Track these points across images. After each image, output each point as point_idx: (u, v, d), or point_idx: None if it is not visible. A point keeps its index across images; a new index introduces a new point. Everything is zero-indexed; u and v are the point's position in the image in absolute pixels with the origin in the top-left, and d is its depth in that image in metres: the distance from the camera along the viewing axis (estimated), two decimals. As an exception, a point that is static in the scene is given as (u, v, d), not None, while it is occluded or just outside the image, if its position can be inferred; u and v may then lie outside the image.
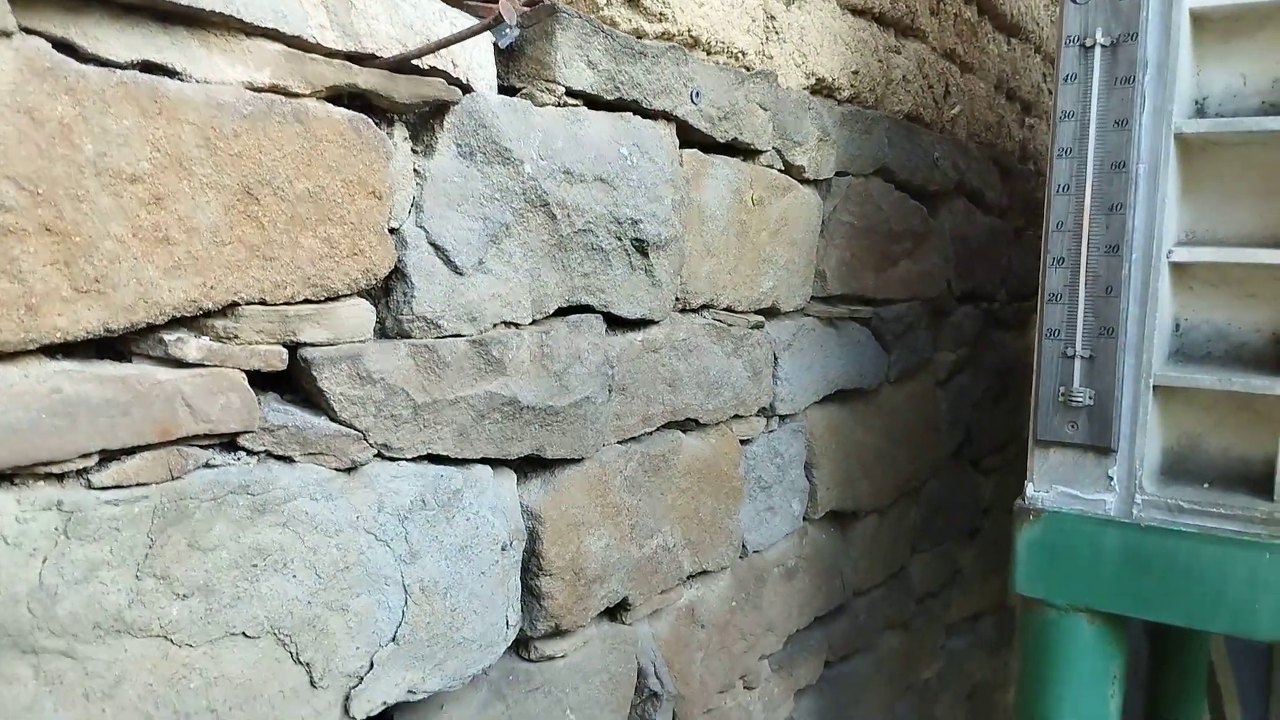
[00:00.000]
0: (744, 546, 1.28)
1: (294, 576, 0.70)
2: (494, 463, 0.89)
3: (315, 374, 0.71)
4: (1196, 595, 1.08)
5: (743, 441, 1.26)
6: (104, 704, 0.60)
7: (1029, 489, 1.18)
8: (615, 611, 1.08)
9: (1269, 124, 1.06)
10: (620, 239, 0.97)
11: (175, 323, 0.64)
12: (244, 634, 0.67)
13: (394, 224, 0.77)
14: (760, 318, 1.26)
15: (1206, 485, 1.13)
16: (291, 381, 0.74)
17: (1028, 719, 1.19)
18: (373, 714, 0.78)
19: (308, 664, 0.72)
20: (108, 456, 0.60)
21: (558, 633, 0.98)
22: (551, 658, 0.98)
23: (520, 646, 0.97)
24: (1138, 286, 1.11)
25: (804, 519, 1.43)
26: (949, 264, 1.78)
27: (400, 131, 0.79)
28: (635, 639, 1.10)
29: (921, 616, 1.89)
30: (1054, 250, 1.15)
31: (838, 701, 1.58)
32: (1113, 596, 1.13)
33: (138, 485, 0.61)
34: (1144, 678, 2.34)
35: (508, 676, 0.94)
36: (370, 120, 0.75)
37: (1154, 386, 1.11)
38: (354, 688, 0.76)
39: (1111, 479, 1.13)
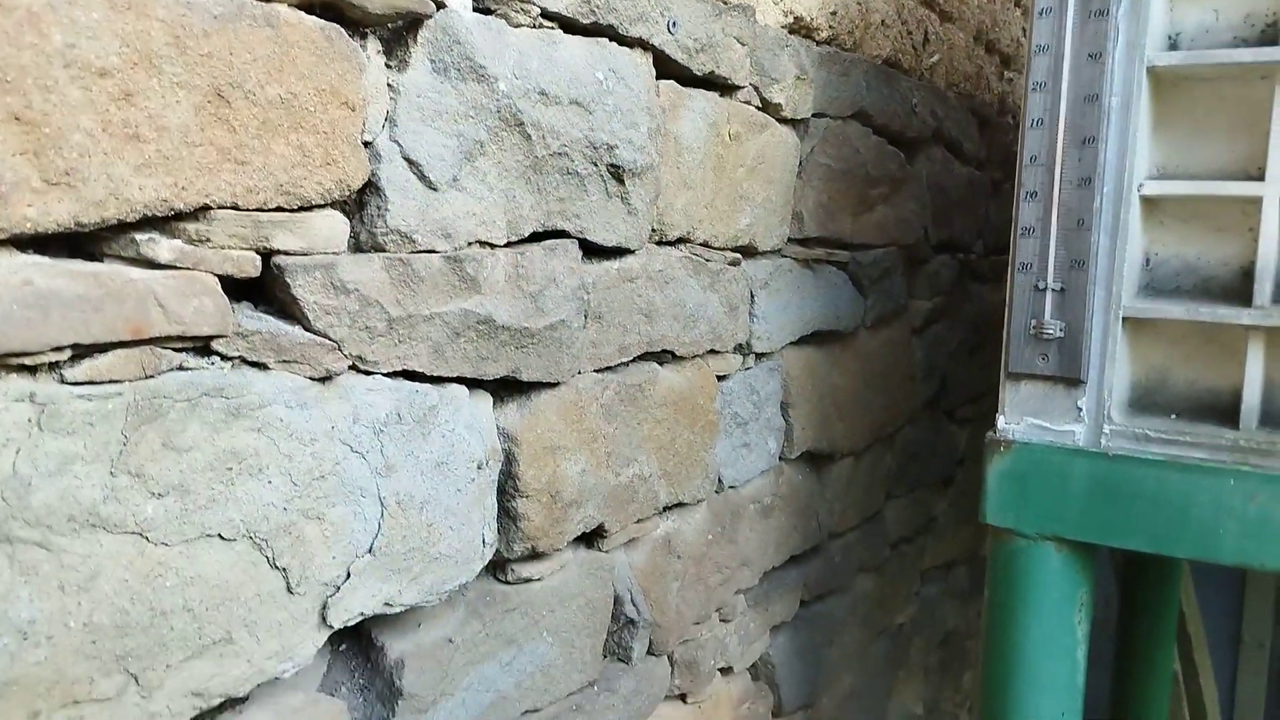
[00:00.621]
0: (720, 481, 1.29)
1: (269, 482, 0.71)
2: (470, 383, 0.89)
3: (289, 281, 0.71)
4: (1162, 522, 1.10)
5: (719, 378, 1.27)
6: (79, 597, 0.61)
7: (1000, 421, 1.20)
8: (592, 539, 1.09)
9: (1239, 56, 1.07)
10: (596, 164, 0.97)
11: (147, 223, 0.64)
12: (220, 536, 0.68)
13: (368, 137, 0.77)
14: (737, 255, 1.27)
15: (1174, 417, 1.15)
16: (265, 293, 0.74)
17: (995, 646, 1.22)
18: (350, 623, 0.79)
19: (284, 569, 0.72)
20: (80, 353, 0.61)
21: (534, 555, 0.99)
22: (528, 580, 0.99)
23: (497, 570, 0.98)
24: (1109, 220, 1.12)
25: (780, 458, 1.44)
26: (926, 211, 1.79)
27: (374, 45, 0.79)
28: (612, 566, 1.11)
29: (895, 562, 1.92)
30: (1027, 184, 1.16)
31: (813, 641, 1.60)
32: (1080, 525, 1.15)
33: (111, 382, 0.61)
34: (1114, 628, 2.39)
35: (484, 597, 0.96)
36: (343, 30, 0.74)
37: (1124, 318, 1.13)
38: (331, 596, 0.77)
39: (1080, 410, 1.15)
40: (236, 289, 0.71)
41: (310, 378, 0.74)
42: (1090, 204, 1.12)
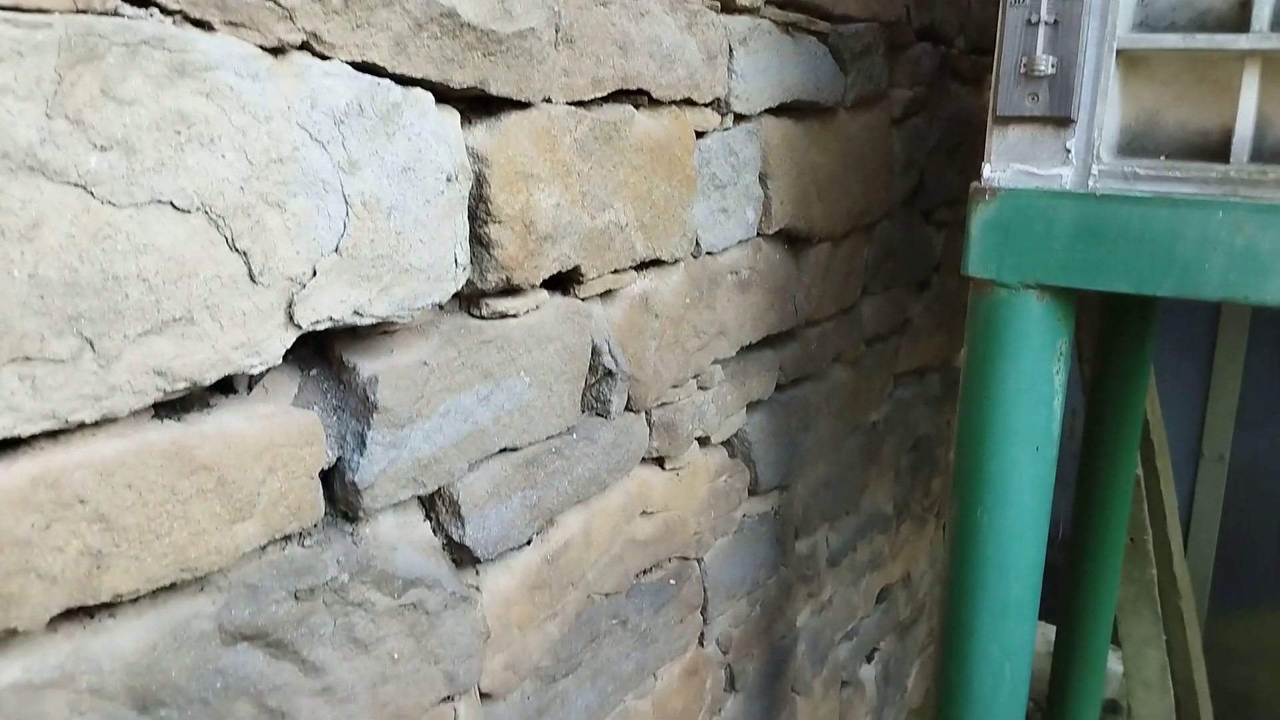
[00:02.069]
0: (698, 243, 1.26)
1: (223, 156, 0.66)
2: (436, 94, 0.84)
3: (232, -70, 0.65)
4: (1147, 261, 1.09)
5: (698, 134, 1.22)
6: (22, 245, 0.57)
7: (985, 170, 1.17)
8: (568, 285, 1.06)
9: None
10: None
11: None
12: (172, 204, 0.64)
13: None
14: (715, 2, 1.20)
15: (1163, 158, 1.12)
16: (207, -43, 0.68)
17: (973, 399, 1.22)
18: (319, 325, 0.76)
19: (245, 253, 0.69)
20: (0, -26, 0.55)
21: (510, 290, 0.96)
22: (504, 315, 0.96)
23: (471, 305, 0.95)
24: (1106, -56, 1.06)
25: (758, 233, 1.41)
26: (908, -11, 1.72)
27: None
28: (589, 315, 1.08)
29: (870, 358, 1.92)
30: (1022, -91, 1.09)
31: (789, 424, 1.61)
32: (1064, 270, 1.13)
33: (39, 11, 0.56)
34: (1080, 437, 2.43)
35: (459, 329, 0.93)
36: None
37: (1117, 52, 1.08)
38: (297, 293, 0.73)
39: (1069, 152, 1.12)
40: (174, -55, 0.65)
41: (261, 46, 0.68)
42: (1088, -73, 1.06)
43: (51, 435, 0.62)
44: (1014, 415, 1.19)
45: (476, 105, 0.91)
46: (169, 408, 0.71)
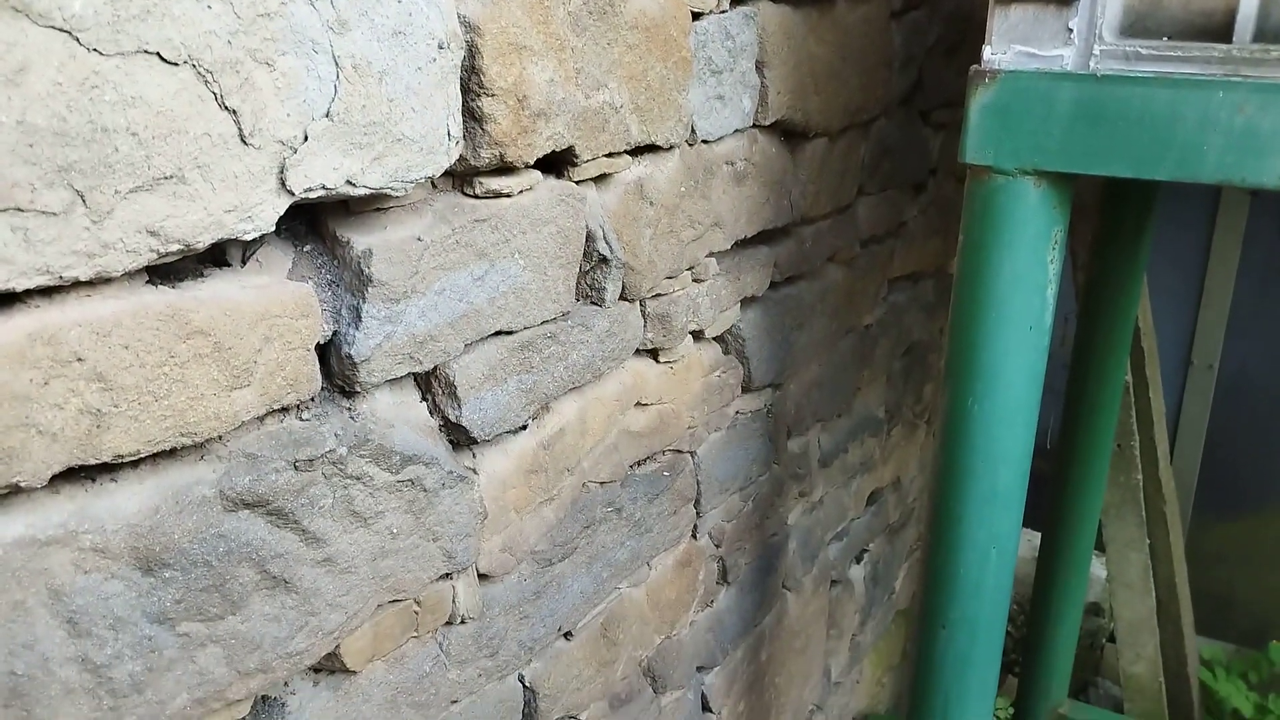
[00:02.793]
0: (693, 131, 1.24)
1: (209, 7, 0.64)
2: (426, -43, 0.82)
3: None
4: (1146, 143, 1.08)
5: (694, 15, 1.20)
6: (9, 91, 0.55)
7: (986, 52, 1.15)
8: (561, 167, 1.05)
9: None
10: None
11: None
12: (159, 56, 0.62)
13: None
14: (711, -121, 1.17)
15: (1166, 39, 1.10)
16: None
17: (968, 286, 1.21)
18: (311, 193, 0.75)
19: (234, 111, 0.67)
20: None
21: (503, 167, 0.95)
22: (498, 194, 0.95)
23: (465, 185, 0.94)
24: None
25: (754, 123, 1.39)
26: (910, -124, 1.67)
27: None
28: (584, 198, 1.07)
29: (865, 259, 1.91)
30: None
31: (782, 322, 1.61)
32: (1062, 154, 1.12)
33: None
34: (1072, 345, 2.44)
35: (453, 208, 0.92)
36: None
37: (1123, -74, 1.06)
38: (289, 157, 0.72)
39: (1071, 31, 1.10)
40: None
41: (245, -105, 0.66)
42: None
43: (46, 293, 0.62)
44: (1008, 303, 1.19)
45: (467, -26, 0.89)
46: (163, 275, 0.71)
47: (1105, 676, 3.31)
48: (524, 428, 1.07)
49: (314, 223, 0.84)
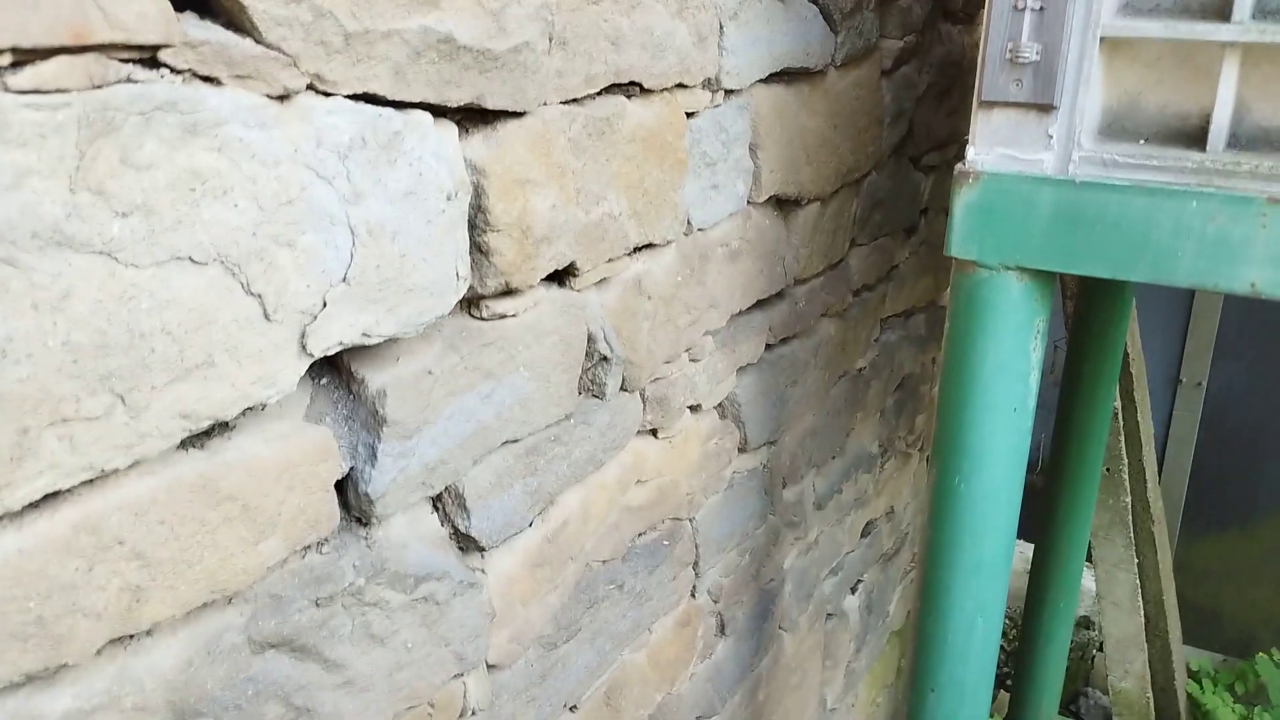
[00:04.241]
0: (689, 223, 1.29)
1: (235, 205, 0.69)
2: (434, 111, 0.86)
3: (235, -15, 0.66)
4: (1122, 246, 1.12)
5: (688, 114, 1.24)
6: (55, 316, 0.60)
7: (970, 153, 1.19)
8: (563, 278, 1.09)
9: None
10: None
11: (72, -85, 0.59)
12: (191, 259, 0.67)
13: None
14: (704, -18, 1.21)
15: (1143, 142, 1.15)
16: (210, 6, 0.69)
17: (954, 372, 1.26)
18: (330, 352, 0.80)
19: (259, 295, 0.72)
20: (22, 59, 0.57)
21: (508, 291, 0.99)
22: (503, 316, 0.99)
23: (471, 307, 0.98)
24: (1094, -69, 1.07)
25: (748, 201, 1.43)
26: (899, -59, 1.70)
27: None
28: (584, 305, 1.12)
29: (858, 308, 1.96)
30: (1011, -106, 1.09)
31: (777, 382, 1.66)
32: (1043, 253, 1.17)
33: (58, 91, 0.58)
34: (1061, 371, 2.49)
35: (461, 333, 0.96)
36: None
37: (1101, 39, 1.10)
38: (309, 325, 0.77)
39: (1051, 137, 1.14)
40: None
41: (268, 95, 0.70)
42: (1076, -85, 1.06)
43: (88, 482, 0.66)
44: (992, 389, 1.24)
45: (473, 114, 0.93)
46: (193, 436, 0.75)
47: (1095, 687, 3.38)
48: (529, 525, 1.11)
49: (330, 357, 0.88)
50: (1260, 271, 1.06)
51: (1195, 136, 1.13)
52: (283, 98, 0.72)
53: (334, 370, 0.89)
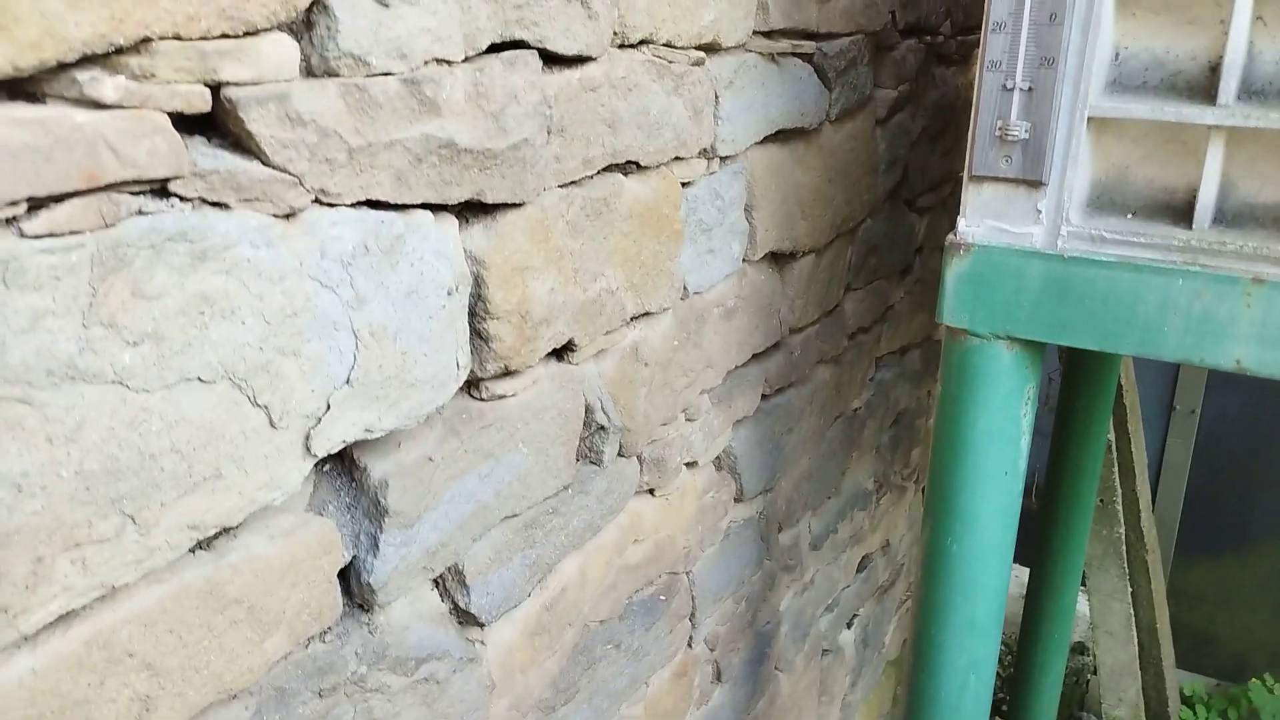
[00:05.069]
0: (685, 288, 1.30)
1: (243, 323, 0.71)
2: (434, 208, 0.88)
3: (243, 116, 0.68)
4: (1110, 320, 1.14)
5: (684, 184, 1.26)
6: (68, 447, 0.62)
7: (961, 224, 1.21)
8: (562, 352, 1.11)
9: None
10: (553, -33, 0.92)
11: (88, 61, 0.61)
12: (199, 379, 0.69)
13: (310, -50, 0.72)
14: (701, 54, 1.23)
15: (1130, 215, 1.17)
16: (219, 126, 0.71)
17: (946, 436, 1.28)
18: (333, 450, 0.82)
19: (265, 406, 0.74)
20: (36, 204, 0.59)
21: (507, 373, 1.01)
22: (502, 396, 1.01)
23: (471, 387, 1.00)
24: (1081, 12, 1.09)
25: (743, 260, 1.45)
26: (894, -6, 1.73)
27: None
28: (582, 377, 1.14)
29: (853, 351, 1.98)
30: (1001, -25, 1.11)
31: (773, 431, 1.68)
32: (1032, 324, 1.19)
33: (72, 233, 0.60)
34: (1056, 401, 2.51)
35: (461, 415, 0.98)
36: None
37: (1089, 119, 1.12)
38: (313, 428, 0.79)
39: (1040, 212, 1.16)
40: (188, 124, 0.68)
41: (274, 215, 0.72)
42: (1064, -2, 1.09)
43: (99, 598, 0.68)
44: (983, 454, 1.26)
45: (474, 204, 0.94)
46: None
47: (1090, 711, 3.40)
48: (528, 595, 1.13)
49: (332, 446, 0.90)
50: (1245, 349, 1.08)
51: (1182, 211, 1.15)
52: (288, 215, 0.73)
53: (337, 456, 0.90)
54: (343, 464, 0.90)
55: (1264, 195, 1.11)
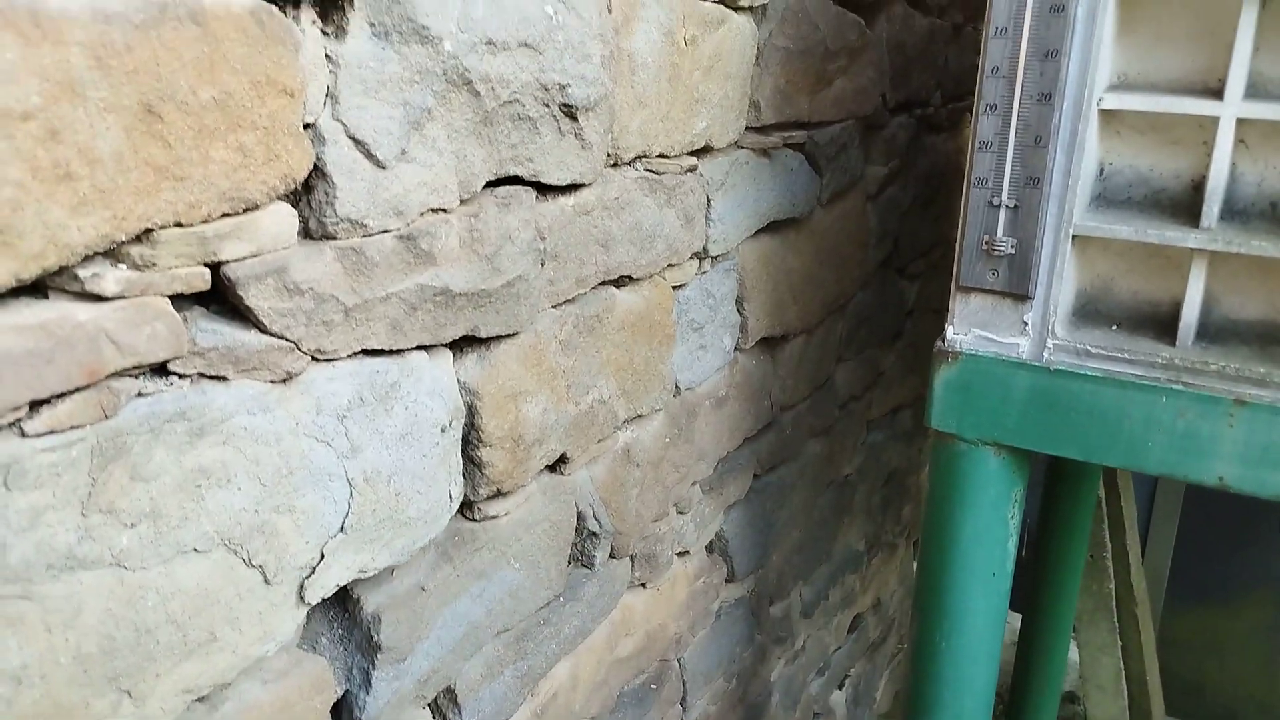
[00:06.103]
0: (677, 387, 1.32)
1: (239, 489, 0.72)
2: (429, 347, 0.89)
3: (242, 293, 0.70)
4: (1096, 433, 1.16)
5: (675, 287, 1.27)
6: (66, 633, 0.63)
7: (949, 332, 1.23)
8: (554, 465, 1.12)
9: (1211, -30, 1.03)
10: (548, 105, 0.94)
11: (90, 257, 0.62)
12: (195, 549, 0.70)
13: (309, 119, 0.73)
14: (693, 159, 1.24)
15: (1115, 327, 1.19)
16: (217, 293, 0.72)
17: (934, 536, 1.30)
18: (326, 596, 0.83)
19: (260, 566, 0.75)
20: (37, 404, 0.60)
21: (500, 495, 1.02)
22: (495, 517, 1.02)
23: (464, 509, 1.01)
24: (1066, 136, 1.11)
25: (735, 349, 1.47)
26: (884, 77, 1.75)
27: (307, 14, 0.73)
28: (574, 487, 1.15)
29: (844, 421, 1.99)
30: (987, 97, 1.13)
31: (764, 509, 1.69)
32: (1019, 433, 1.20)
33: (72, 429, 0.61)
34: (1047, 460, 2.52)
35: (453, 538, 0.99)
36: (272, 8, 0.69)
37: (1073, 236, 1.14)
38: (307, 578, 0.80)
39: (1026, 324, 1.18)
40: (188, 297, 0.70)
41: (271, 381, 0.73)
42: (1049, 120, 1.10)
43: (95, 766, 0.69)
44: (971, 555, 1.28)
45: (468, 337, 0.96)
46: (193, 686, 0.78)
47: (1081, 759, 3.40)
48: (519, 705, 1.14)
49: (326, 576, 0.91)
50: (1228, 467, 1.10)
51: (1166, 324, 1.17)
52: (285, 379, 0.75)
53: (330, 585, 0.91)
54: (336, 596, 0.91)
55: (1246, 312, 1.13)
